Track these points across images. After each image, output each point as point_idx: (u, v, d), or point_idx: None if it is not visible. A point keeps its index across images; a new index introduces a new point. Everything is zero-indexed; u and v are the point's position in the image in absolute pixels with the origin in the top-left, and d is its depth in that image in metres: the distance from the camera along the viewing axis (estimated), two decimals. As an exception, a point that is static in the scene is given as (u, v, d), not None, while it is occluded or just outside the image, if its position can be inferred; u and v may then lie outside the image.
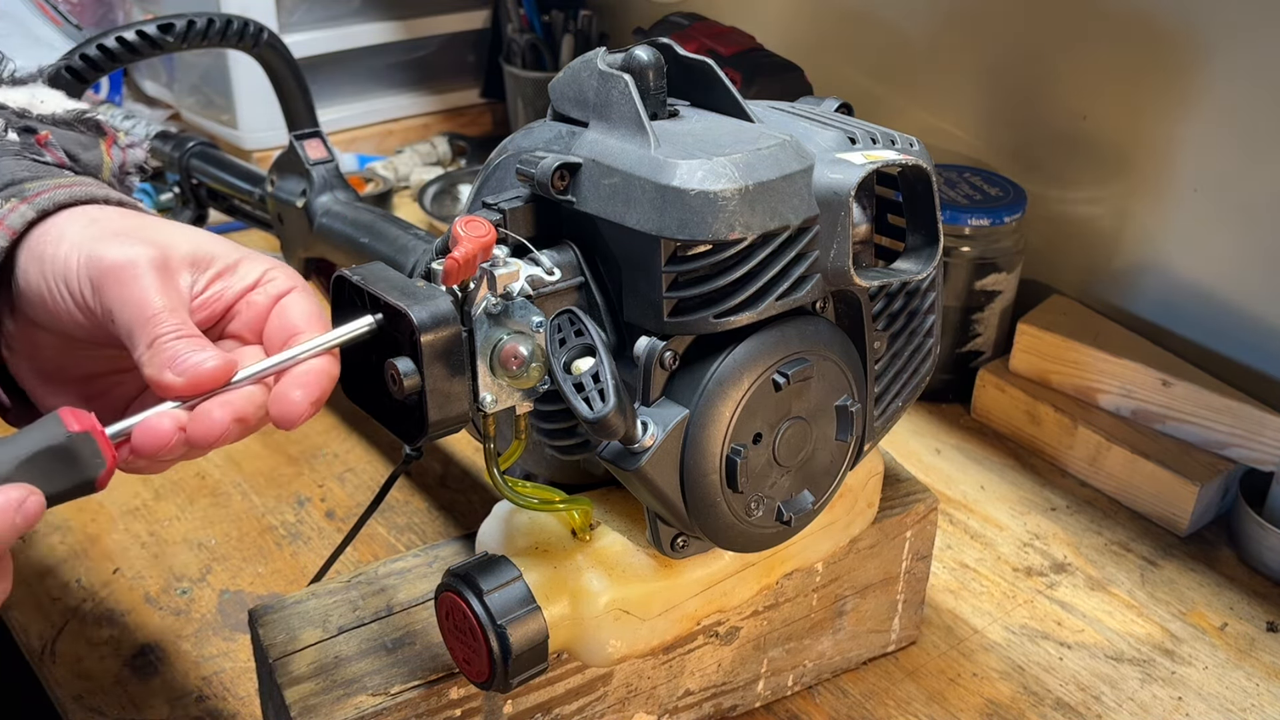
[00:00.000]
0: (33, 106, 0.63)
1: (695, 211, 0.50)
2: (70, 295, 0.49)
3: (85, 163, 0.63)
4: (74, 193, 0.52)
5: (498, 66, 1.46)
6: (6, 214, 0.51)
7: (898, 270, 0.58)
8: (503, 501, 0.60)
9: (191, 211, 1.12)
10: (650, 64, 0.55)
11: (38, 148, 0.59)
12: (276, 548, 0.83)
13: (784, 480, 0.57)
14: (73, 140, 0.63)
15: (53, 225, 0.51)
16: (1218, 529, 0.88)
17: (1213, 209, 0.93)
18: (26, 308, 0.51)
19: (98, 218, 0.51)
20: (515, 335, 0.51)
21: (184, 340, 0.47)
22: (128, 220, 0.51)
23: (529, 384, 0.52)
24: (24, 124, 0.60)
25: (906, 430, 0.98)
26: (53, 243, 0.50)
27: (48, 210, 0.51)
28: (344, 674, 0.58)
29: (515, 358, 0.51)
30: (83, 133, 0.64)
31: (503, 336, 0.51)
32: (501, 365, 0.51)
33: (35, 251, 0.50)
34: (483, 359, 0.51)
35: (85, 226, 0.51)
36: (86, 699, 0.71)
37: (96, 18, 1.43)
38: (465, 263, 0.49)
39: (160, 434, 0.46)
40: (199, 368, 0.47)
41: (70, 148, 0.62)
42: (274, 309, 0.51)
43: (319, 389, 0.48)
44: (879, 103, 1.18)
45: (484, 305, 0.51)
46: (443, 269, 0.49)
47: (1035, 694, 0.73)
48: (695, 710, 0.68)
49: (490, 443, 0.54)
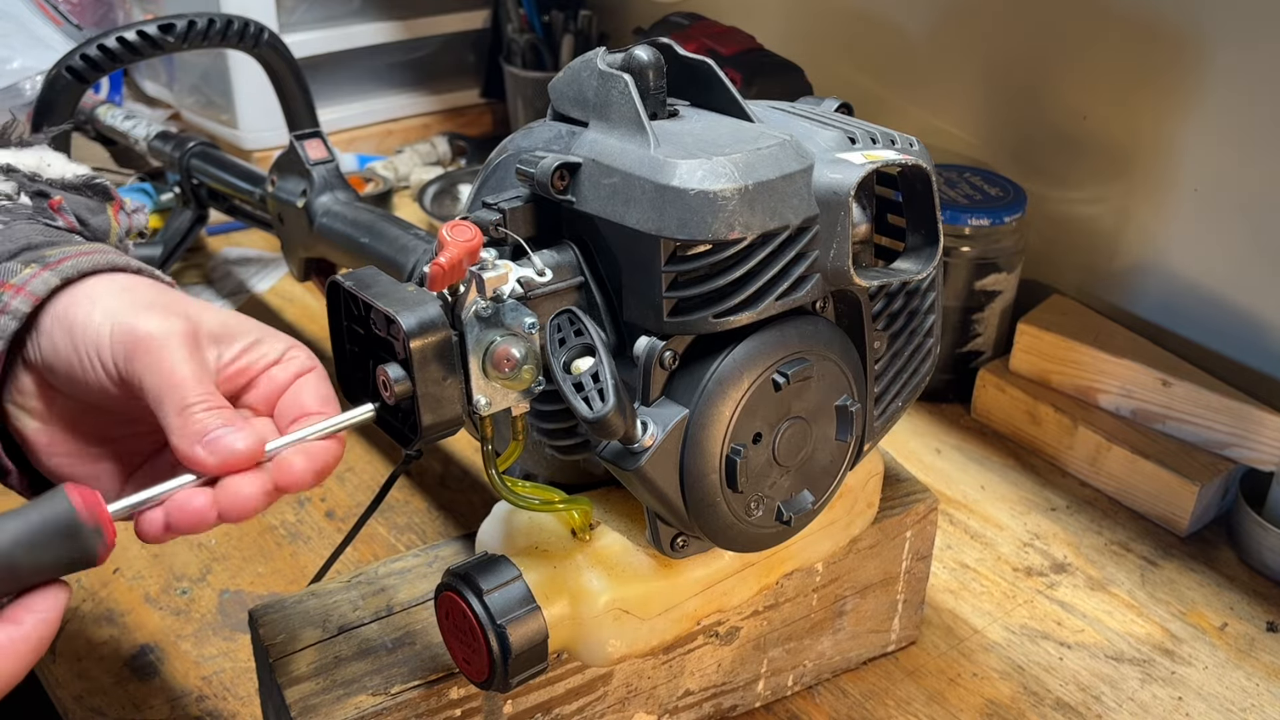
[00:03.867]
0: (41, 170, 0.63)
1: (695, 211, 0.50)
2: (102, 364, 0.50)
3: (94, 228, 0.63)
4: (95, 260, 0.53)
5: (498, 66, 1.46)
6: (28, 280, 0.51)
7: (898, 270, 0.58)
8: (503, 501, 0.60)
9: (192, 211, 1.12)
10: (650, 64, 0.55)
11: (51, 212, 0.60)
12: (276, 548, 0.83)
13: (784, 480, 0.57)
14: (81, 205, 0.63)
15: (82, 293, 0.52)
16: (1218, 529, 0.88)
17: (1213, 209, 0.93)
18: (49, 374, 0.52)
19: (129, 287, 0.53)
20: (507, 337, 0.51)
21: (214, 413, 0.49)
22: (159, 294, 0.52)
23: (523, 385, 0.52)
24: (36, 188, 0.61)
25: (906, 430, 0.98)
26: (84, 311, 0.51)
27: (71, 278, 0.52)
28: (344, 674, 0.58)
29: (508, 360, 0.51)
30: (90, 197, 0.65)
31: (495, 339, 0.51)
32: (494, 367, 0.51)
33: (64, 318, 0.51)
34: (475, 362, 0.51)
35: (117, 295, 0.52)
36: (86, 699, 0.71)
37: (96, 18, 1.43)
38: (451, 268, 0.49)
39: (195, 514, 0.47)
40: (232, 448, 0.48)
41: (80, 212, 0.63)
42: (291, 386, 0.53)
43: (322, 464, 0.50)
44: (879, 103, 1.18)
45: (474, 308, 0.51)
46: (428, 274, 0.49)
47: (1035, 694, 0.73)
48: (695, 710, 0.68)
49: (488, 444, 0.54)
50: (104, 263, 0.53)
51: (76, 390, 0.52)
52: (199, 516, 0.47)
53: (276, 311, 1.13)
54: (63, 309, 0.51)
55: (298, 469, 0.49)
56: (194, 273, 1.18)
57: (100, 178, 0.67)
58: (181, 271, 1.18)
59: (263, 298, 1.15)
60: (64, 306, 0.51)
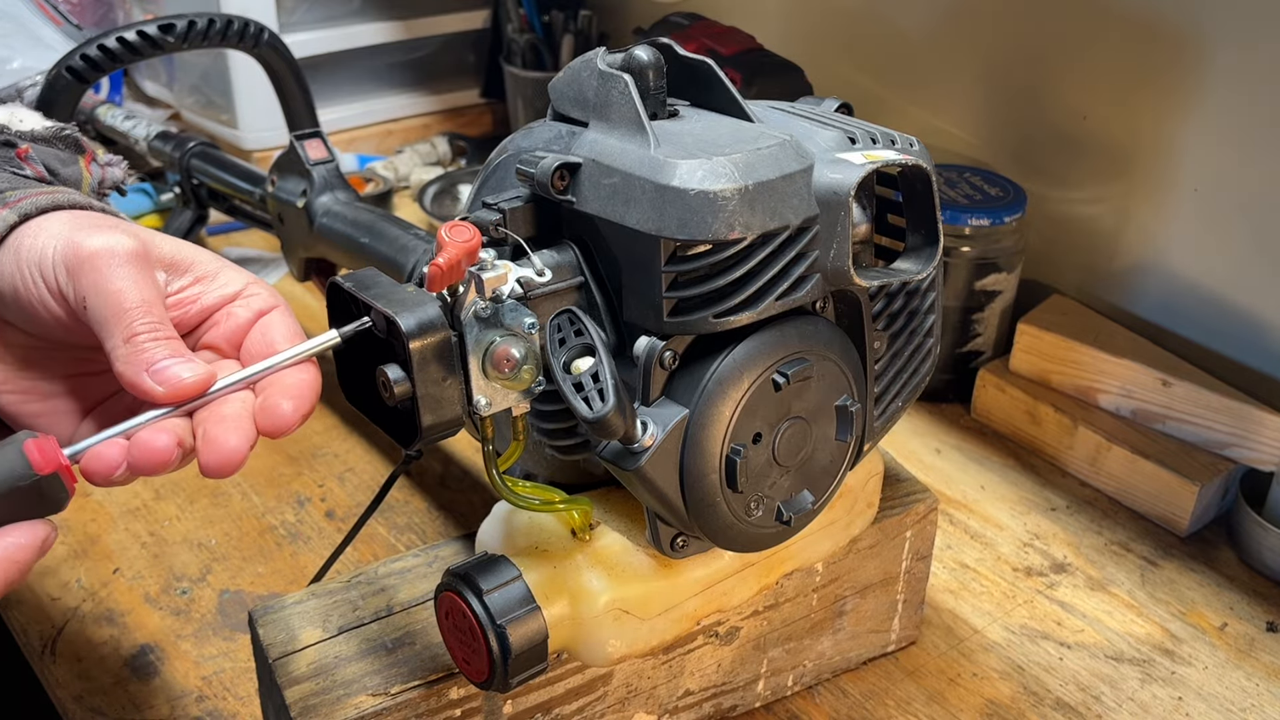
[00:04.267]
0: (11, 123, 0.63)
1: (695, 211, 0.50)
2: (44, 282, 0.48)
3: (64, 177, 0.62)
4: (55, 199, 0.52)
5: (498, 66, 1.46)
6: None
7: (898, 270, 0.58)
8: (503, 501, 0.60)
9: (192, 211, 1.12)
10: (650, 64, 0.55)
11: (18, 161, 0.59)
12: (276, 548, 0.83)
13: (784, 480, 0.57)
14: (52, 156, 0.63)
15: (32, 224, 0.50)
16: (1218, 529, 0.88)
17: (1213, 209, 0.93)
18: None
19: (79, 216, 0.51)
20: (507, 337, 0.51)
21: (162, 343, 0.47)
22: (110, 219, 0.51)
23: (523, 385, 0.52)
24: (2, 138, 0.60)
25: (906, 430, 0.98)
26: (30, 236, 0.49)
27: (29, 214, 0.50)
28: (344, 674, 0.58)
29: (507, 360, 0.51)
30: (61, 149, 0.64)
31: (495, 339, 0.51)
32: (494, 368, 0.51)
33: (12, 247, 0.50)
34: (475, 362, 0.51)
35: (65, 223, 0.50)
36: (86, 699, 0.71)
37: (96, 18, 1.43)
38: (450, 268, 0.49)
39: (157, 451, 0.45)
40: (180, 380, 0.46)
41: (50, 163, 0.62)
42: (256, 325, 0.51)
43: (307, 401, 0.48)
44: (879, 103, 1.18)
45: (473, 309, 0.51)
46: (427, 275, 0.49)
47: (1035, 694, 0.73)
48: (695, 710, 0.68)
49: (489, 444, 0.54)
50: (64, 200, 0.52)
51: (26, 320, 0.50)
52: (161, 457, 0.45)
53: (276, 311, 1.13)
54: (13, 240, 0.50)
55: (286, 411, 0.47)
56: (194, 273, 1.18)
57: (71, 129, 0.65)
58: (181, 271, 1.18)
59: (263, 298, 1.15)
60: (14, 239, 0.50)
